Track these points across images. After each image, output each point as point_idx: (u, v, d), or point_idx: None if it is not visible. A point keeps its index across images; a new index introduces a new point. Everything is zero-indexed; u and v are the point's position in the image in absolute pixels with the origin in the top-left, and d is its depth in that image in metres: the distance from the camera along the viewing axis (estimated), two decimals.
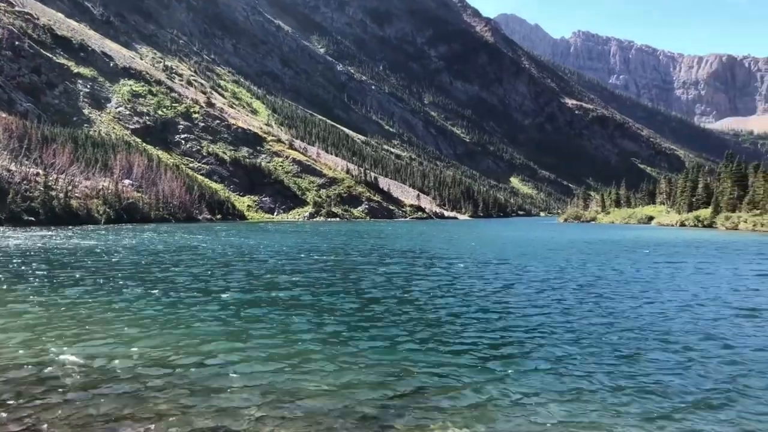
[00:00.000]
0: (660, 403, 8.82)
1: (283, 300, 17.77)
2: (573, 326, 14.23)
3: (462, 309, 16.56)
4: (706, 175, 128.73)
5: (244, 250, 38.16)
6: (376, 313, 15.75)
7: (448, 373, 10.23)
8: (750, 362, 11.06)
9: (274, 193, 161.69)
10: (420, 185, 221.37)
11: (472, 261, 32.10)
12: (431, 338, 12.85)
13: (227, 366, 10.48)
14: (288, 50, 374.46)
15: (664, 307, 17.17)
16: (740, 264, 30.77)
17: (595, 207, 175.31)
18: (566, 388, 9.47)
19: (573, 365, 10.78)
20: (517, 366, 10.70)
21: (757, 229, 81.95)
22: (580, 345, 12.31)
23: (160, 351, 11.46)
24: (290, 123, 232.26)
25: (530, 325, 14.30)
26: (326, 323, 14.22)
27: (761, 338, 13.21)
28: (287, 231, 75.91)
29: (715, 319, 15.40)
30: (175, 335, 12.80)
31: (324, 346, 12.00)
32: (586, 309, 16.71)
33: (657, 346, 12.27)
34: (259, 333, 13.16)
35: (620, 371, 10.42)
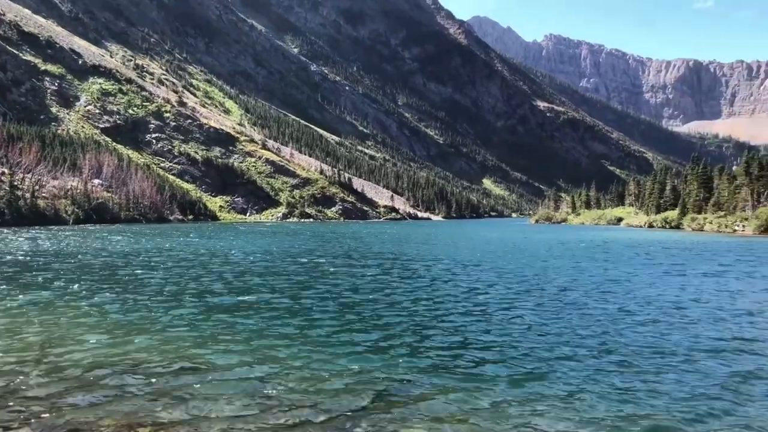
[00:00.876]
0: (631, 408, 9.03)
1: (251, 304, 17.71)
2: (548, 329, 14.46)
3: (438, 313, 16.70)
4: (674, 178, 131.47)
5: (215, 253, 37.89)
6: (347, 317, 15.77)
7: (416, 378, 10.30)
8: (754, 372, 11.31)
9: (247, 193, 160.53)
10: (394, 186, 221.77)
11: (450, 264, 32.33)
12: (402, 343, 12.94)
13: (194, 370, 10.41)
14: (261, 50, 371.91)
15: (643, 310, 17.54)
16: (713, 267, 31.52)
17: (566, 208, 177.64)
18: (536, 393, 9.64)
19: (545, 370, 10.97)
20: (487, 372, 10.84)
21: (721, 230, 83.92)
22: (549, 348, 12.53)
23: (127, 356, 11.35)
24: (263, 123, 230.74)
25: (507, 330, 14.49)
26: (296, 327, 14.20)
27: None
28: (259, 233, 75.45)
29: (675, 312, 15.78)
30: (142, 340, 12.69)
31: (294, 350, 12.01)
32: (561, 311, 16.98)
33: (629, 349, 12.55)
34: (229, 337, 13.09)
35: (594, 375, 10.63)
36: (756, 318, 16.20)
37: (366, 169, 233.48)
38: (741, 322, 15.49)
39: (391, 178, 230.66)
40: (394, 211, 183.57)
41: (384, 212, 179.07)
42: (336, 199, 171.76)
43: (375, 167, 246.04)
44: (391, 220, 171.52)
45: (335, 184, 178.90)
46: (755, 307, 18.13)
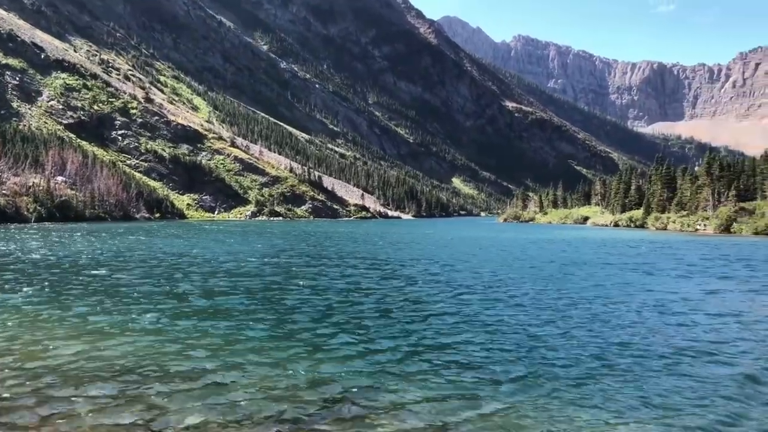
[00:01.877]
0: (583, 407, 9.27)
1: (218, 307, 17.63)
2: (524, 331, 14.71)
3: (410, 314, 16.84)
4: (638, 178, 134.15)
5: (180, 254, 37.51)
6: (316, 319, 15.82)
7: (385, 378, 10.43)
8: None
9: (215, 191, 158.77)
10: (364, 185, 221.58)
11: (429, 265, 32.53)
12: (372, 345, 13.04)
13: (158, 375, 10.34)
14: (230, 46, 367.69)
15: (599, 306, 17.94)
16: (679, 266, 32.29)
17: (534, 207, 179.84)
18: (506, 393, 9.83)
19: (500, 367, 11.19)
20: (446, 369, 11.00)
21: (683, 230, 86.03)
22: (522, 349, 12.76)
23: (88, 359, 11.25)
24: (232, 120, 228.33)
25: (480, 331, 14.70)
26: (257, 329, 14.17)
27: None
28: (226, 231, 74.75)
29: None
30: (105, 343, 12.56)
31: (255, 352, 12.02)
32: (538, 312, 17.28)
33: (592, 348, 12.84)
34: (193, 341, 13.03)
35: (568, 374, 10.88)
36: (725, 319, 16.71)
37: (336, 167, 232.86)
38: (715, 324, 15.97)
39: (361, 177, 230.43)
40: (364, 210, 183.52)
41: (354, 211, 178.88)
42: (306, 198, 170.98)
43: (345, 166, 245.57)
44: (362, 218, 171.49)
45: (305, 182, 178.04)
46: (722, 308, 18.68)
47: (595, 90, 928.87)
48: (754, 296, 20.33)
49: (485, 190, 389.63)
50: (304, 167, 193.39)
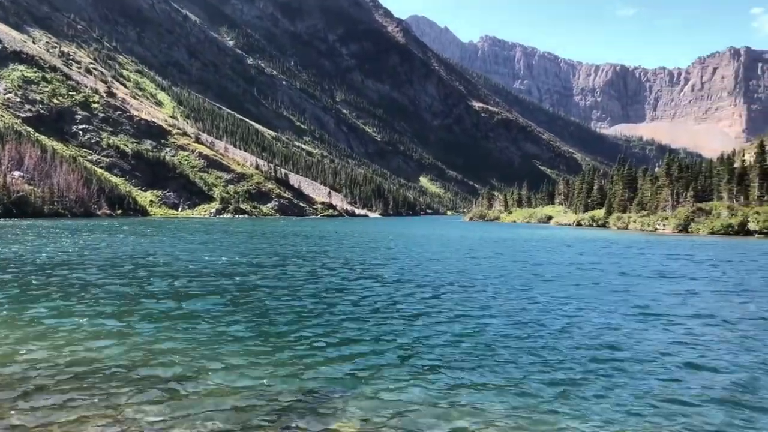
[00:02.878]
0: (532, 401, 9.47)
1: (180, 309, 17.47)
2: (478, 325, 14.90)
3: (372, 313, 16.91)
4: (601, 178, 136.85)
5: (140, 255, 36.95)
6: (280, 320, 15.80)
7: (347, 375, 10.49)
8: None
9: (179, 188, 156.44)
10: (331, 183, 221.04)
11: (390, 263, 32.61)
12: (332, 345, 13.09)
13: (129, 369, 10.25)
14: (195, 41, 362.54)
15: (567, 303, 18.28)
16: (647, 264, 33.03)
17: (499, 207, 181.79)
18: (467, 389, 9.98)
19: (468, 365, 11.35)
20: (420, 365, 11.12)
21: (644, 229, 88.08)
22: (470, 344, 12.95)
23: (50, 355, 11.05)
24: (197, 116, 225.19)
25: (441, 330, 14.83)
26: (220, 331, 14.12)
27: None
28: (190, 229, 73.81)
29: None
30: (69, 341, 12.35)
31: (222, 354, 11.97)
32: (491, 307, 17.51)
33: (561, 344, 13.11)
34: (154, 342, 12.90)
35: (522, 368, 11.08)
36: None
37: (303, 165, 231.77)
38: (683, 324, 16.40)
39: (328, 175, 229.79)
40: (331, 208, 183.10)
41: (321, 209, 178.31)
42: (272, 195, 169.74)
43: (312, 163, 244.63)
44: (329, 216, 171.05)
45: (271, 179, 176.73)
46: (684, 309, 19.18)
47: (560, 91, 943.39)
48: (730, 297, 20.95)
49: (452, 189, 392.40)
50: (270, 164, 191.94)
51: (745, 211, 74.72)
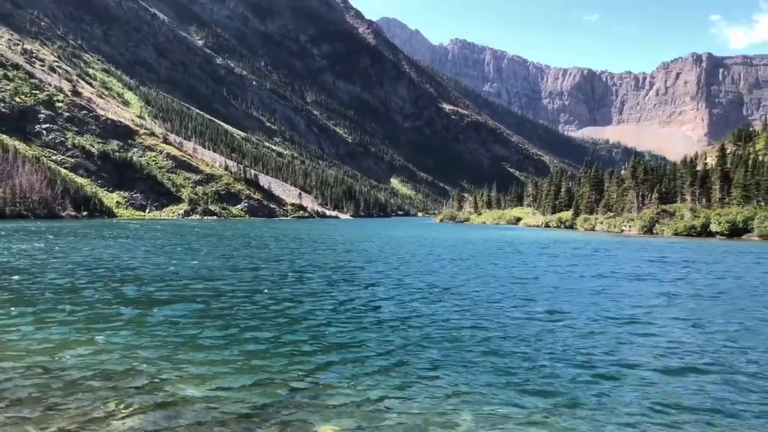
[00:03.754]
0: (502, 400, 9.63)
1: (150, 311, 17.29)
2: (446, 327, 15.04)
3: (346, 315, 16.95)
4: (568, 180, 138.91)
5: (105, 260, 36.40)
6: (249, 324, 15.76)
7: (320, 379, 10.53)
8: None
9: (147, 189, 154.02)
10: (302, 184, 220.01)
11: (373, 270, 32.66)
12: (308, 347, 13.11)
13: (93, 378, 10.13)
14: (164, 40, 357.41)
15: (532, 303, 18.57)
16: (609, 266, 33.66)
17: (469, 208, 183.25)
18: (438, 389, 10.10)
19: (436, 365, 11.48)
20: (390, 368, 11.21)
21: (610, 230, 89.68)
22: (432, 343, 13.09)
23: (14, 358, 10.87)
24: (165, 116, 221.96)
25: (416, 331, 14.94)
26: (196, 335, 14.04)
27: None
28: (154, 230, 72.75)
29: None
30: (30, 341, 12.14)
31: (192, 354, 11.91)
32: (452, 309, 17.69)
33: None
34: (126, 350, 12.77)
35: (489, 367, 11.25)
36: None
37: (273, 166, 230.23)
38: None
39: (299, 176, 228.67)
40: (302, 209, 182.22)
41: (292, 210, 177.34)
42: (241, 197, 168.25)
43: (283, 164, 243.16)
44: (299, 218, 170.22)
45: (241, 180, 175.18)
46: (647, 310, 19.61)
47: (529, 94, 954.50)
48: (708, 300, 21.48)
49: (422, 190, 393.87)
50: (239, 165, 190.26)
51: (707, 213, 76.67)
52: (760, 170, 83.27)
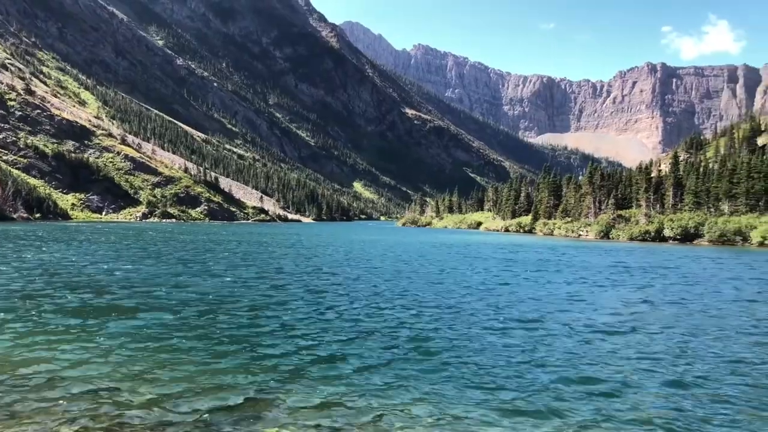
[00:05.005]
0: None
1: (107, 314, 17.02)
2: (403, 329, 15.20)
3: (298, 317, 16.96)
4: (528, 185, 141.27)
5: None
6: (204, 326, 15.65)
7: (279, 380, 10.55)
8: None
9: (103, 191, 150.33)
10: (263, 187, 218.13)
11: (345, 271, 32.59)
12: (265, 350, 13.10)
13: (48, 387, 9.95)
14: (123, 39, 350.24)
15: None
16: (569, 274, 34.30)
17: (431, 212, 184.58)
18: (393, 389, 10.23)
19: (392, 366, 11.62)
20: (341, 375, 11.30)
21: (568, 235, 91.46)
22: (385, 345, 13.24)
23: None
24: (123, 117, 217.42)
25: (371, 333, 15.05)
26: (151, 338, 13.89)
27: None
28: (107, 233, 71.19)
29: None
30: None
31: (145, 358, 11.79)
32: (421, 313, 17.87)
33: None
34: (84, 352, 12.57)
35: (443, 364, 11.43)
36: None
37: (234, 168, 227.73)
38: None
39: (260, 179, 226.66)
40: (263, 213, 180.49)
41: (253, 213, 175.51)
42: (201, 199, 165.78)
43: (244, 167, 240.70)
44: (260, 221, 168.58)
45: (200, 183, 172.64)
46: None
47: (490, 101, 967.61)
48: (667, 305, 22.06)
49: (385, 194, 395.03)
50: (199, 167, 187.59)
51: (661, 219, 78.89)
52: (710, 178, 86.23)
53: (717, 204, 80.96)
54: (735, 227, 68.64)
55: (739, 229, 68.25)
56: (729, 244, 66.96)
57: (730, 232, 68.42)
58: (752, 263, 39.88)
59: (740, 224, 69.02)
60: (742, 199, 77.55)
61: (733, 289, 24.50)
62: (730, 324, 16.45)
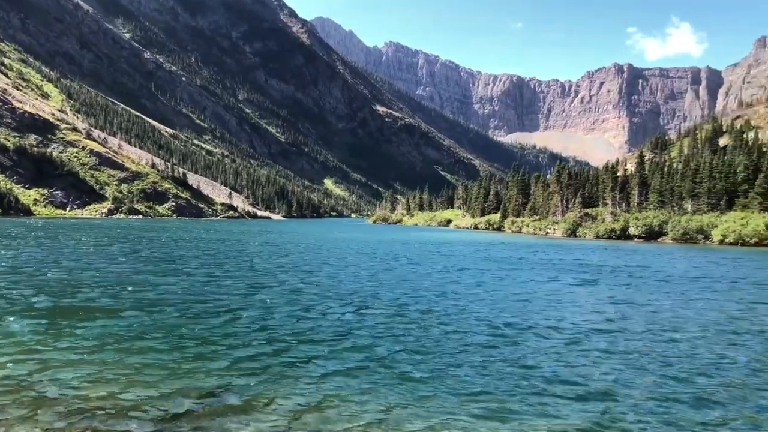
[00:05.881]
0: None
1: (62, 314, 16.72)
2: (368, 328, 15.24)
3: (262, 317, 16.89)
4: (497, 184, 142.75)
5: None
6: (166, 324, 15.49)
7: (237, 380, 10.51)
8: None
9: (68, 186, 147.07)
10: (233, 183, 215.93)
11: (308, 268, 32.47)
12: (223, 350, 13.02)
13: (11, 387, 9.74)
14: (88, 31, 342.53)
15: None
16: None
17: (401, 210, 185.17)
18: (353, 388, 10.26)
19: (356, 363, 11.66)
20: (300, 371, 11.30)
21: (536, 233, 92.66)
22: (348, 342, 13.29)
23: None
24: (89, 111, 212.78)
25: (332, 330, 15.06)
26: (105, 337, 13.71)
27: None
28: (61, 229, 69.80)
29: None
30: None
31: (104, 355, 11.64)
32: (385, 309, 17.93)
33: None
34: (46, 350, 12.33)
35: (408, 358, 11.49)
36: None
37: (203, 164, 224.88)
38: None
39: (229, 175, 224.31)
40: (232, 209, 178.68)
41: (221, 210, 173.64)
42: (169, 195, 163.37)
43: (212, 163, 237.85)
44: (229, 218, 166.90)
45: (168, 179, 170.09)
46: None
47: (460, 99, 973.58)
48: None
49: (356, 191, 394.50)
50: (167, 163, 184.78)
51: (626, 217, 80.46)
52: (674, 177, 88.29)
53: (680, 203, 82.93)
54: (697, 226, 70.37)
55: (701, 228, 70.00)
56: (691, 242, 68.63)
57: (692, 231, 70.11)
58: (720, 261, 41.00)
59: (702, 223, 70.81)
60: (705, 198, 79.62)
61: (707, 289, 25.14)
62: (699, 322, 16.89)
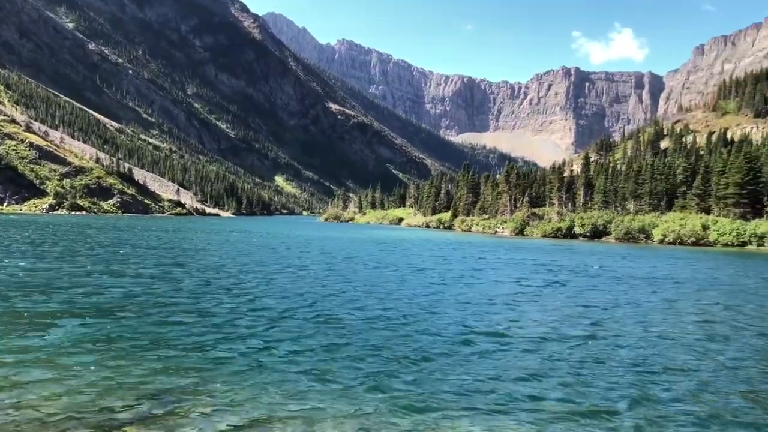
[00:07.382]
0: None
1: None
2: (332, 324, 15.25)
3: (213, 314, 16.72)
4: (448, 183, 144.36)
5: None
6: (124, 321, 15.18)
7: (197, 378, 10.39)
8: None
9: (5, 180, 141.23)
10: (180, 179, 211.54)
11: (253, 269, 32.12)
12: (180, 347, 12.84)
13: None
14: (28, 20, 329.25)
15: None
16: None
17: (354, 208, 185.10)
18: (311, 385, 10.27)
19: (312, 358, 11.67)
20: (258, 371, 11.24)
21: (485, 232, 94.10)
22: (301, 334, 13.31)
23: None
24: (28, 102, 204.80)
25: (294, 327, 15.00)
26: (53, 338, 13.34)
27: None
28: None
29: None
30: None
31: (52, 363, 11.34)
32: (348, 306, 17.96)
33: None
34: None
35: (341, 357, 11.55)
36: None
37: (149, 159, 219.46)
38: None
39: (177, 171, 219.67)
40: (180, 206, 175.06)
41: (169, 206, 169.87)
42: (114, 191, 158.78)
43: (160, 158, 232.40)
44: (177, 215, 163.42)
45: (113, 174, 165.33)
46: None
47: (413, 99, 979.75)
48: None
49: (308, 189, 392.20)
50: (112, 158, 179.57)
51: (572, 217, 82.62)
52: (617, 178, 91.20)
53: (624, 203, 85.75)
54: (639, 225, 72.90)
55: (642, 228, 72.56)
56: (633, 241, 71.04)
57: (635, 230, 72.57)
58: (667, 259, 42.57)
59: (644, 223, 73.43)
60: (646, 198, 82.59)
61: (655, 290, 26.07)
62: (659, 321, 17.55)
